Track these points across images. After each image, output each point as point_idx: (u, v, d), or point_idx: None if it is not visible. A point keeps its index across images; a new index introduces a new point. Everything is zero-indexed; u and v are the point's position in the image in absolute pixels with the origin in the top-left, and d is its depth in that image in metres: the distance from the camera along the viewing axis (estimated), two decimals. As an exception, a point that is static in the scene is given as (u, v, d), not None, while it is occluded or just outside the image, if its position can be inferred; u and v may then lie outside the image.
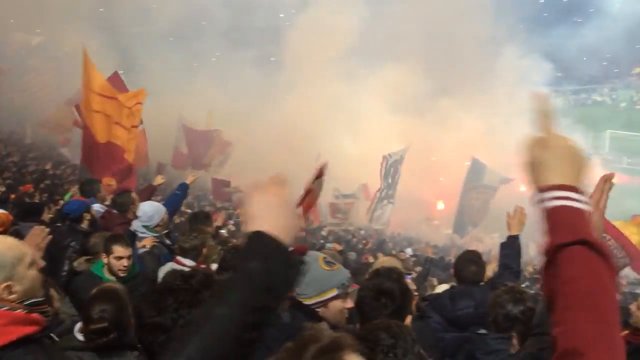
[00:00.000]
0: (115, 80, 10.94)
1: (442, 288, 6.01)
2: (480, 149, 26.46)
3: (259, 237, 1.24)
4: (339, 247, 11.73)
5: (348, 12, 31.24)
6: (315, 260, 2.84)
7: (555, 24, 64.39)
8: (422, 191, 26.59)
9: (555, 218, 1.16)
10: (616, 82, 72.07)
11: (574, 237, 1.11)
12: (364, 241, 19.89)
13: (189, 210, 15.05)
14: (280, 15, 35.77)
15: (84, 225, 6.27)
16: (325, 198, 22.02)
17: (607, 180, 1.68)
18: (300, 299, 2.82)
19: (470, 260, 4.80)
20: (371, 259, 10.84)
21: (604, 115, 46.25)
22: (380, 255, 11.81)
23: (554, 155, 1.26)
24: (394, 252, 13.64)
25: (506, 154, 27.93)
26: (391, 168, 21.45)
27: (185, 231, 5.71)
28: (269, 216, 1.27)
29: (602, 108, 54.77)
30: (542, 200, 1.20)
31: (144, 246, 5.97)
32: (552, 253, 1.14)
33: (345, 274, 2.85)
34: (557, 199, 1.18)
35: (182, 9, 31.08)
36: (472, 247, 20.20)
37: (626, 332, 3.99)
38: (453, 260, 8.99)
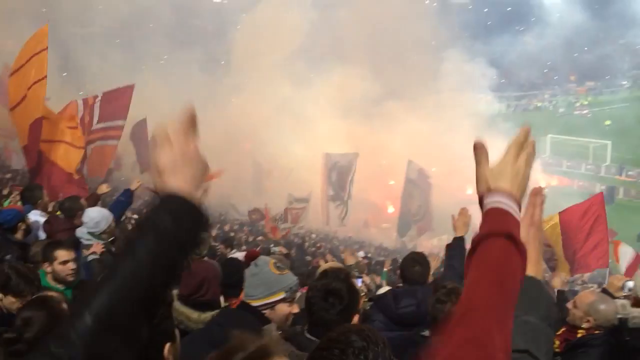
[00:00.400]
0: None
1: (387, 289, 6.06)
2: (426, 151, 26.95)
3: (170, 195, 1.21)
4: (284, 251, 11.77)
5: (295, 15, 31.24)
6: (266, 264, 2.94)
7: (499, 32, 66.67)
8: (373, 195, 26.81)
9: (490, 216, 1.24)
10: (556, 88, 75.24)
11: (499, 230, 1.18)
12: (318, 244, 19.91)
13: (136, 217, 14.62)
14: (227, 17, 35.37)
15: (19, 235, 5.95)
16: (280, 204, 21.93)
17: (536, 194, 1.66)
18: (249, 300, 2.93)
19: (415, 260, 4.89)
20: (322, 263, 10.83)
21: (544, 120, 48.04)
22: (329, 257, 11.80)
23: (508, 171, 1.33)
24: (342, 253, 13.61)
25: (451, 155, 28.71)
26: (334, 171, 21.57)
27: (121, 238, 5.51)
28: (177, 170, 1.23)
29: (543, 113, 56.99)
30: (486, 204, 1.27)
31: (94, 253, 5.71)
32: (478, 242, 1.19)
33: (293, 279, 2.97)
34: (497, 203, 1.25)
35: (127, 10, 30.19)
36: (421, 249, 20.74)
37: (563, 329, 4.09)
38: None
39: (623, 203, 27.94)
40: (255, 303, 2.89)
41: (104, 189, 8.54)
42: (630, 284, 5.37)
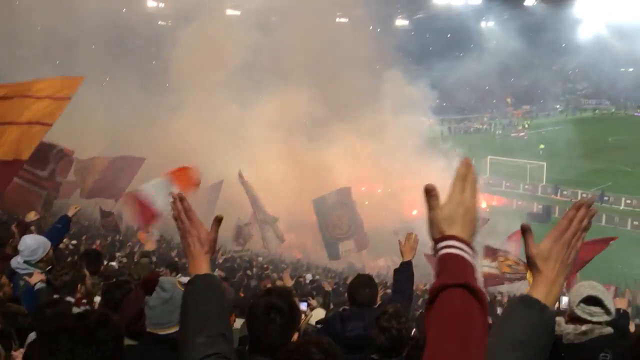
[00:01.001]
0: None
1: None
2: (369, 172, 27.25)
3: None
4: (222, 274, 11.62)
5: (237, 35, 31.25)
6: (174, 285, 2.89)
7: (440, 57, 69.03)
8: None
9: (445, 263, 1.24)
10: (494, 111, 78.39)
11: (455, 280, 1.19)
12: (264, 265, 19.66)
13: (75, 242, 14.05)
14: (167, 36, 34.91)
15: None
16: (225, 227, 21.55)
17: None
18: (162, 330, 2.87)
19: (364, 283, 4.88)
20: (269, 285, 10.72)
21: (483, 142, 49.78)
22: (286, 276, 11.70)
23: (458, 211, 1.31)
24: (279, 279, 13.37)
25: (394, 176, 29.19)
26: (249, 191, 21.54)
27: (57, 267, 5.23)
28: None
29: (482, 135, 58.98)
30: (439, 248, 1.27)
31: (41, 281, 5.38)
32: (435, 293, 1.19)
33: None
34: (450, 248, 1.26)
35: (58, 27, 29.19)
36: (369, 270, 20.82)
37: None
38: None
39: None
40: (173, 330, 2.75)
41: (32, 216, 8.13)
42: (565, 299, 5.47)
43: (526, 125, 64.62)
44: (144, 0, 44.92)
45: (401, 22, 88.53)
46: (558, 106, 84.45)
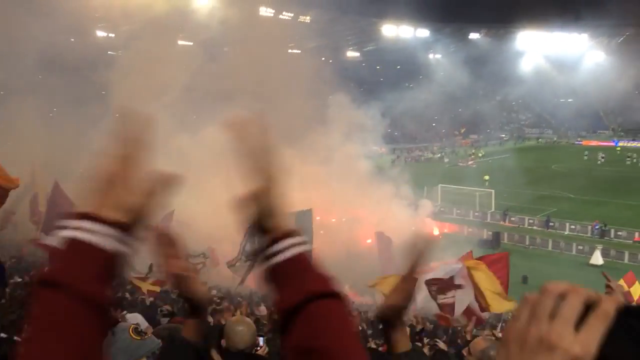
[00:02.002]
0: None
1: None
2: (321, 199, 27.10)
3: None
4: (170, 308, 11.25)
5: (179, 56, 30.93)
6: (125, 330, 2.86)
7: (390, 87, 70.69)
8: None
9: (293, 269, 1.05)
10: (443, 140, 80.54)
11: (323, 288, 1.03)
12: (217, 300, 19.14)
13: (19, 280, 13.33)
14: (104, 58, 34.19)
15: None
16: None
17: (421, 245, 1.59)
18: None
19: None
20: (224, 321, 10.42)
21: (435, 170, 50.88)
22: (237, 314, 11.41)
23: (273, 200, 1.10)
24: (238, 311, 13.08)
25: (343, 204, 29.28)
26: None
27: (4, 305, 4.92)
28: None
29: (433, 164, 60.24)
30: (282, 250, 1.06)
31: None
32: (301, 305, 1.01)
33: (156, 342, 2.91)
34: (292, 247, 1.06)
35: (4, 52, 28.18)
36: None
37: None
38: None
39: (507, 247, 29.75)
40: None
41: None
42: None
43: (478, 154, 66.47)
44: (93, 29, 44.45)
45: (352, 53, 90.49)
46: (504, 135, 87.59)
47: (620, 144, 74.65)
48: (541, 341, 0.66)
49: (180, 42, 40.71)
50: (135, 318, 8.19)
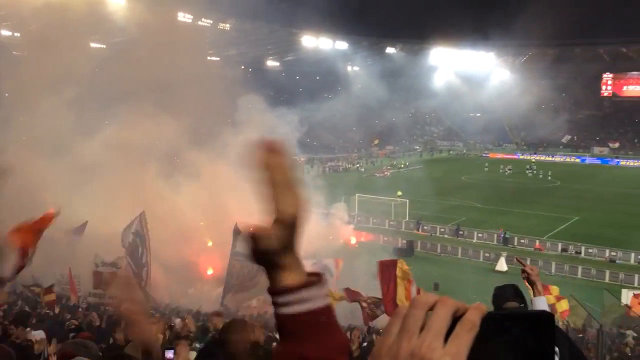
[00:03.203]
0: None
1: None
2: (236, 207, 26.56)
3: None
4: (75, 323, 10.65)
5: (83, 53, 29.58)
6: None
7: (309, 98, 71.32)
8: (190, 256, 25.59)
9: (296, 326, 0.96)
10: (362, 151, 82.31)
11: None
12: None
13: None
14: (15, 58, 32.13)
15: None
16: (85, 266, 19.86)
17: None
18: None
19: (238, 328, 4.72)
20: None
21: (352, 180, 51.81)
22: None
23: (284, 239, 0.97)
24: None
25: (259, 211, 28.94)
26: (136, 238, 20.41)
27: None
28: None
29: (351, 174, 61.32)
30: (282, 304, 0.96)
31: None
32: None
33: None
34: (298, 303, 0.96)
35: None
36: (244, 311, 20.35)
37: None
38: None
39: (421, 255, 30.84)
40: None
41: None
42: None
43: (400, 165, 68.32)
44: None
45: (272, 62, 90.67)
46: (417, 147, 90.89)
47: (521, 156, 79.63)
48: (412, 355, 0.67)
49: (93, 45, 39.05)
50: (40, 335, 7.69)
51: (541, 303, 3.31)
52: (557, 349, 3.33)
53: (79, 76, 27.65)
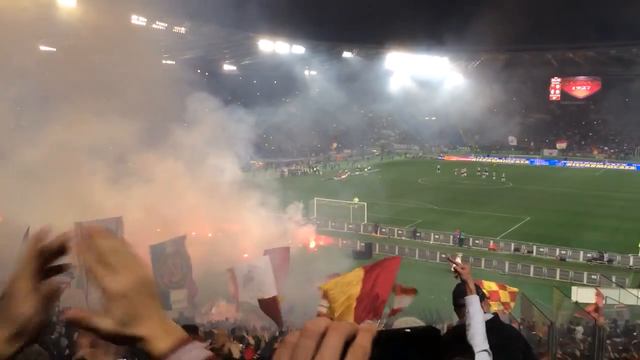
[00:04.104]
0: None
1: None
2: (189, 213, 26.02)
3: None
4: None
5: (40, 64, 28.72)
6: None
7: (267, 101, 71.13)
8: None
9: None
10: (320, 155, 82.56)
11: None
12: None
13: None
14: None
15: None
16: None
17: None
18: None
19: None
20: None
21: (310, 184, 51.93)
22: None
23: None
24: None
25: (217, 219, 28.56)
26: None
27: None
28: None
29: (309, 178, 61.42)
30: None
31: None
32: None
33: None
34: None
35: None
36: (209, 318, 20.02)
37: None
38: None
39: (379, 257, 30.99)
40: None
41: None
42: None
43: (365, 169, 68.75)
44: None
45: (229, 67, 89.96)
46: (375, 150, 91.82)
47: (474, 159, 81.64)
48: None
49: (42, 48, 37.93)
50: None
51: (472, 302, 3.33)
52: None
53: (25, 78, 26.73)
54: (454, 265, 3.60)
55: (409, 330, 0.69)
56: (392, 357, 0.67)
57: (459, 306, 3.59)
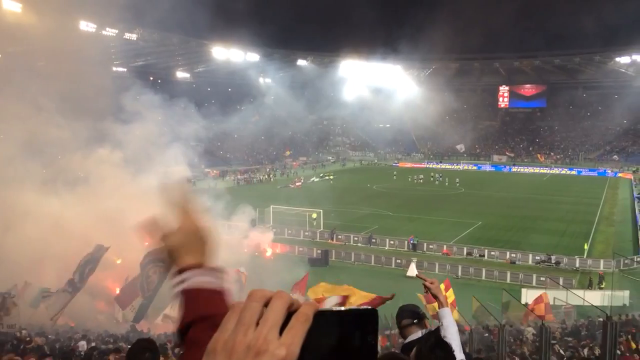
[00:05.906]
0: None
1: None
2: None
3: None
4: None
5: None
6: None
7: (221, 109, 70.51)
8: (97, 275, 23.97)
9: (186, 299, 1.18)
10: (276, 162, 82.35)
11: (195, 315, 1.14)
12: (27, 339, 17.17)
13: None
14: None
15: None
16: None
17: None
18: None
19: (145, 348, 4.62)
20: None
21: (266, 192, 51.79)
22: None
23: (182, 238, 1.25)
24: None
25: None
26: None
27: None
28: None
29: (265, 186, 61.16)
30: (179, 282, 1.20)
31: None
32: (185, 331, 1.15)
33: None
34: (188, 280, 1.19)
35: None
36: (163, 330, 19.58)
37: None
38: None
39: (336, 264, 31.27)
40: None
41: None
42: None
43: (330, 177, 68.82)
44: None
45: (182, 74, 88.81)
46: (330, 157, 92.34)
47: (427, 165, 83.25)
48: (249, 348, 0.69)
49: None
50: None
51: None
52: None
53: None
54: (424, 281, 3.73)
55: (350, 309, 0.74)
56: (334, 330, 0.72)
57: (403, 327, 3.82)
